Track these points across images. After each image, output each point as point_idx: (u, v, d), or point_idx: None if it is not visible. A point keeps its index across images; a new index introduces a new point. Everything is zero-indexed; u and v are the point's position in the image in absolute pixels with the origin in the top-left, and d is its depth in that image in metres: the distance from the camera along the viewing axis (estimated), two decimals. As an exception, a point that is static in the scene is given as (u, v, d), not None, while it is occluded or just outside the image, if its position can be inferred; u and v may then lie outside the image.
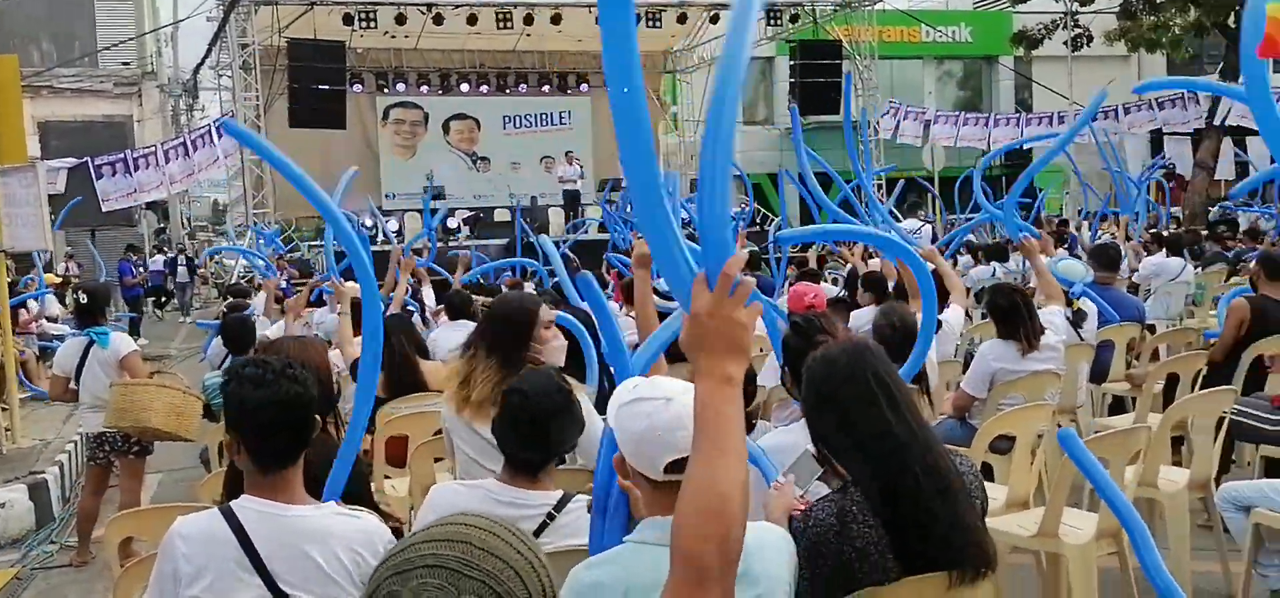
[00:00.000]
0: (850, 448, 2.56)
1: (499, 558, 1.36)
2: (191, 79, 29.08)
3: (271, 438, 2.51)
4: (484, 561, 1.35)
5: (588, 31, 22.75)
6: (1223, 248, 14.03)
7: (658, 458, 2.07)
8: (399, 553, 1.38)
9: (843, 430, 2.58)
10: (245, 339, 6.71)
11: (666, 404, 2.07)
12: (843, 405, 2.57)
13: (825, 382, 2.61)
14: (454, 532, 1.39)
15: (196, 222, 38.70)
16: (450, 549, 1.36)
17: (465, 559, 1.34)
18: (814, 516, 2.50)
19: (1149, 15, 24.32)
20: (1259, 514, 4.48)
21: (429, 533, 1.40)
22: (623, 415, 2.12)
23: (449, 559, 1.34)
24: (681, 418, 2.05)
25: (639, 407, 2.09)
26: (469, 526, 1.40)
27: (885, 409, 2.53)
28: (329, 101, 19.77)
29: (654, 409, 2.07)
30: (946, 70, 36.20)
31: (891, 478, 2.49)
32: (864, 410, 2.54)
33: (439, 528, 1.41)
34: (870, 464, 2.52)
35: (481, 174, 25.60)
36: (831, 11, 23.37)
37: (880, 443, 2.51)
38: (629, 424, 2.10)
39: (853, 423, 2.55)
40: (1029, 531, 4.37)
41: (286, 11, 20.37)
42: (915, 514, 2.48)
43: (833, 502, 2.52)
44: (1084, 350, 6.49)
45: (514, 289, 10.20)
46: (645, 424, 2.07)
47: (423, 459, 4.63)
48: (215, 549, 2.44)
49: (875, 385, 2.55)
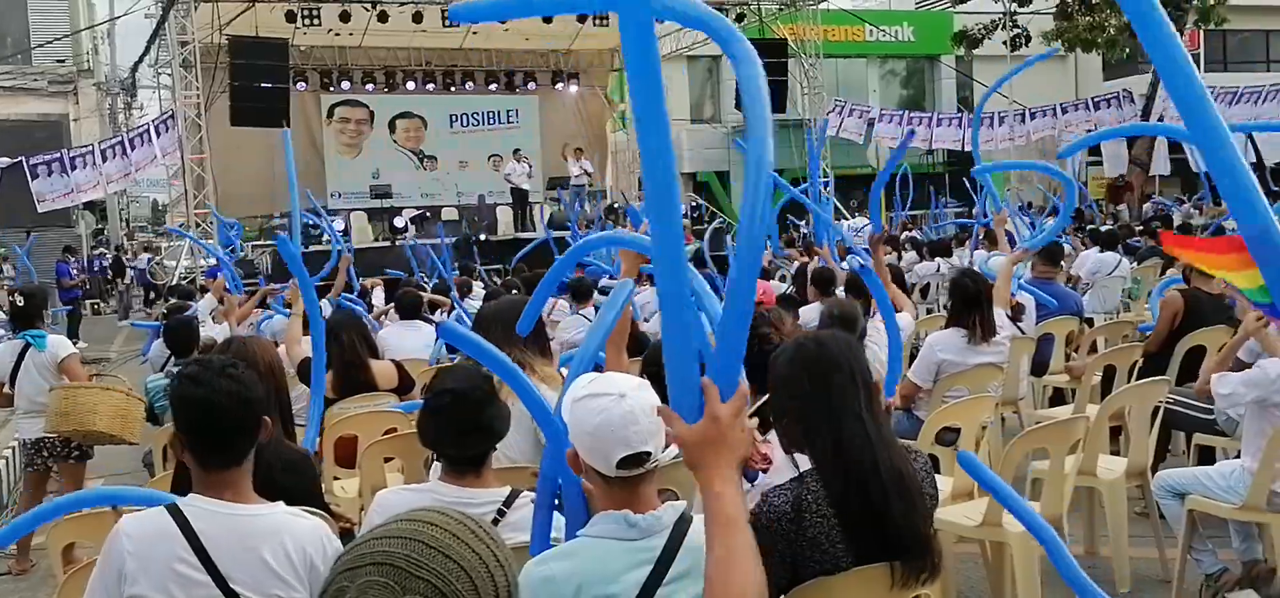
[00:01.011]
0: (824, 434, 2.57)
1: (451, 559, 1.35)
2: (129, 77, 28.52)
3: (210, 436, 2.51)
4: (433, 560, 1.34)
5: (535, 30, 22.67)
6: (1157, 243, 14.36)
7: (611, 454, 2.09)
8: (354, 549, 1.39)
9: (821, 416, 2.59)
10: (188, 341, 6.62)
11: (620, 400, 2.08)
12: (829, 391, 2.58)
13: (816, 363, 2.62)
14: (409, 529, 1.38)
15: (136, 222, 37.99)
16: (401, 547, 1.35)
17: (414, 558, 1.33)
18: (770, 503, 2.52)
19: (1084, 16, 24.83)
20: (1193, 501, 4.61)
21: (387, 529, 1.40)
22: (576, 411, 2.13)
23: (397, 558, 1.34)
24: (634, 414, 2.07)
25: (592, 402, 2.10)
26: (425, 523, 1.39)
27: (861, 403, 2.57)
28: (272, 100, 19.46)
29: (608, 405, 2.09)
30: (890, 69, 36.64)
31: (856, 471, 2.52)
32: (846, 399, 2.56)
33: (398, 525, 1.41)
34: (839, 453, 2.54)
35: (429, 173, 25.41)
36: (777, 11, 23.54)
37: (853, 433, 2.54)
38: (582, 420, 2.11)
39: (834, 410, 2.57)
40: (974, 521, 4.46)
41: (227, 8, 20.05)
42: (871, 508, 2.52)
43: (789, 490, 2.55)
44: (1025, 344, 6.62)
45: (462, 289, 10.16)
46: (599, 420, 2.08)
47: (372, 460, 4.61)
48: (163, 547, 2.42)
49: (858, 378, 2.59)
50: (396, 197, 22.99)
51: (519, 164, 22.09)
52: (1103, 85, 31.26)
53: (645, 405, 2.09)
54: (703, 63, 32.43)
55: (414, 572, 1.32)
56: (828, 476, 2.54)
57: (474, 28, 21.80)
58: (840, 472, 2.53)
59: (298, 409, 4.37)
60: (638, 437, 2.07)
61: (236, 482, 2.52)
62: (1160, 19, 1.33)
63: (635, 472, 2.10)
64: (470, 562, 1.36)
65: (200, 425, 2.51)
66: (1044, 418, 6.45)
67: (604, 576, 2.04)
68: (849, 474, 2.52)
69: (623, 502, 2.12)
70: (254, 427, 2.54)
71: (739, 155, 31.95)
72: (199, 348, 6.59)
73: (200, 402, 2.50)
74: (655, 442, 2.09)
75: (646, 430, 2.08)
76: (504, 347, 3.80)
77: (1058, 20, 25.67)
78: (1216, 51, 34.95)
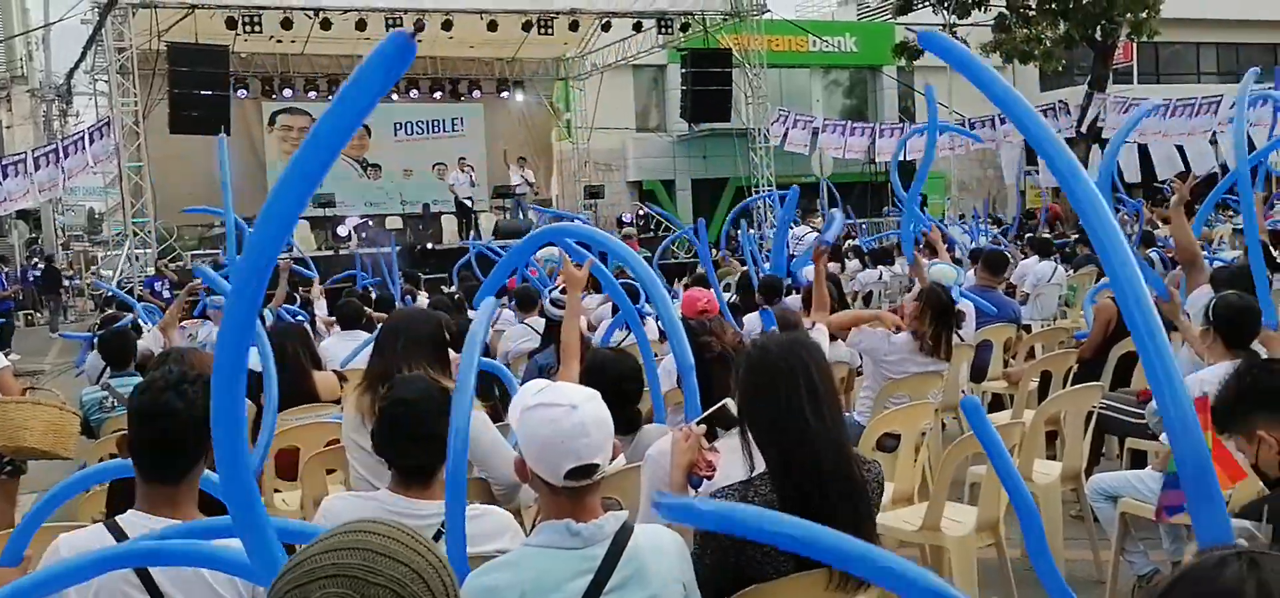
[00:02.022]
0: (771, 438, 2.58)
1: (401, 563, 1.33)
2: (65, 84, 27.94)
3: (159, 452, 2.48)
4: (387, 566, 1.32)
5: (479, 38, 22.59)
6: (1092, 251, 14.69)
7: (559, 465, 2.09)
8: (297, 566, 1.35)
9: (767, 420, 2.59)
10: (123, 352, 6.50)
11: (571, 412, 2.09)
12: (775, 395, 2.59)
13: (761, 370, 2.63)
14: (354, 539, 1.36)
15: (71, 230, 37.15)
16: (352, 556, 1.33)
17: (368, 566, 1.32)
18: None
19: (1022, 28, 25.32)
20: (1125, 504, 4.72)
21: (327, 542, 1.37)
22: (526, 419, 2.13)
23: (351, 567, 1.32)
24: (585, 426, 2.07)
25: (543, 412, 2.10)
26: (368, 532, 1.37)
27: (806, 406, 2.56)
28: (212, 107, 19.18)
29: (558, 416, 2.09)
30: (833, 79, 37.01)
31: (800, 473, 2.53)
32: (791, 403, 2.56)
33: (337, 537, 1.38)
34: (784, 457, 2.55)
35: (373, 181, 25.20)
36: (721, 21, 23.69)
37: (798, 437, 2.55)
38: (532, 428, 2.11)
39: (779, 414, 2.57)
40: (913, 525, 4.53)
41: (166, 15, 19.72)
42: (814, 512, 2.53)
43: (736, 492, 2.56)
44: (964, 351, 6.73)
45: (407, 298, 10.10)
46: (549, 430, 2.09)
47: (314, 471, 4.57)
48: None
49: (802, 382, 2.58)
50: (340, 206, 22.76)
51: (462, 173, 21.99)
52: (1040, 96, 31.87)
53: (596, 418, 2.09)
54: (648, 72, 32.52)
55: (370, 579, 1.31)
56: (778, 478, 2.55)
57: (418, 35, 21.62)
58: (787, 475, 2.54)
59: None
60: (587, 449, 2.08)
61: (180, 499, 2.49)
62: (990, 76, 1.49)
63: (582, 483, 2.12)
64: (419, 564, 1.35)
65: (153, 441, 2.48)
66: (983, 424, 6.56)
67: (546, 585, 2.05)
68: (795, 478, 2.53)
69: (566, 511, 2.13)
70: (206, 446, 2.51)
71: (685, 164, 32.17)
72: (135, 360, 6.48)
73: (155, 416, 2.47)
74: (603, 454, 2.10)
75: (596, 443, 2.08)
76: (406, 358, 3.83)
77: (996, 32, 26.15)
78: (1149, 64, 35.82)
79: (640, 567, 2.10)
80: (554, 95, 27.59)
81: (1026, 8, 25.71)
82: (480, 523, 2.86)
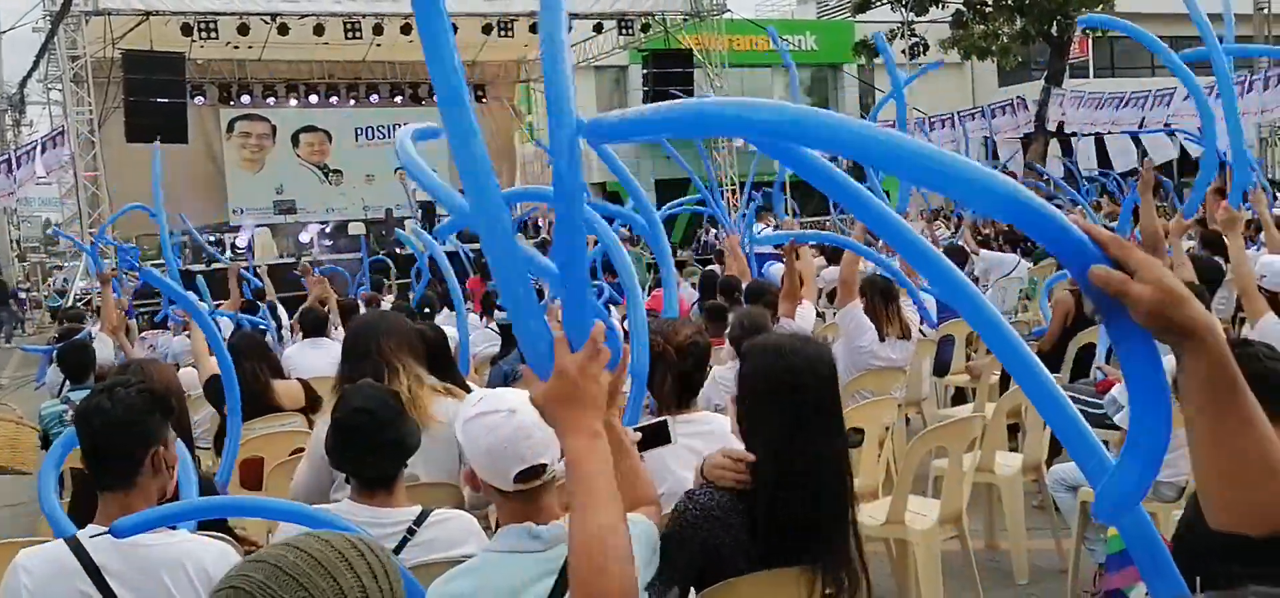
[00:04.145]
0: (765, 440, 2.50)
1: (304, 587, 1.36)
2: (18, 93, 27.51)
3: (93, 457, 2.52)
4: (286, 588, 1.35)
5: (439, 41, 22.46)
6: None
7: (507, 470, 2.10)
8: (226, 577, 1.40)
9: (760, 421, 2.52)
10: (81, 365, 6.41)
11: (510, 416, 2.10)
12: (777, 400, 2.49)
13: (770, 376, 2.53)
14: (274, 555, 1.40)
15: (27, 242, 36.58)
16: (259, 572, 1.37)
17: (265, 585, 1.35)
18: (696, 499, 2.49)
19: (979, 24, 25.58)
20: (1086, 493, 4.79)
21: (258, 555, 1.43)
22: (468, 430, 2.14)
23: (254, 585, 1.36)
24: (526, 427, 2.08)
25: (484, 421, 2.12)
26: (293, 549, 1.41)
27: (809, 412, 2.48)
28: (169, 115, 18.96)
29: (498, 423, 2.10)
30: (795, 78, 37.23)
31: (790, 476, 2.45)
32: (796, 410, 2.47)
33: (266, 551, 1.43)
34: (776, 459, 2.47)
35: (334, 187, 25.01)
36: (682, 21, 23.75)
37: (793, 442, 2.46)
38: (475, 439, 2.13)
39: (783, 418, 2.48)
40: (878, 520, 4.56)
41: (120, 22, 19.47)
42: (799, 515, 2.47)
43: (715, 488, 2.52)
44: (927, 346, 6.80)
45: (371, 304, 10.03)
46: (491, 438, 2.10)
47: (279, 481, 4.53)
48: (62, 581, 2.37)
49: (810, 392, 2.50)
50: (301, 212, 22.59)
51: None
52: (998, 92, 32.22)
53: (536, 418, 2.09)
54: (610, 73, 32.54)
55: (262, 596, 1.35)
56: (765, 476, 2.48)
57: (377, 39, 21.52)
58: (780, 486, 2.47)
59: (200, 433, 4.30)
60: (531, 451, 2.09)
61: (132, 504, 2.47)
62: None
63: (533, 484, 2.13)
64: (323, 590, 1.37)
65: (91, 443, 2.52)
66: (945, 417, 6.63)
67: (509, 589, 2.06)
68: (784, 480, 2.46)
69: (524, 514, 2.14)
70: (136, 449, 2.49)
71: (649, 165, 32.21)
72: (94, 372, 6.40)
73: (87, 417, 2.52)
74: (551, 453, 2.11)
75: (540, 443, 2.09)
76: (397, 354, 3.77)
77: (953, 29, 26.40)
78: (1104, 58, 36.33)
79: None
80: (515, 98, 27.51)
81: (983, 4, 25.97)
82: (444, 528, 2.86)
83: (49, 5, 19.17)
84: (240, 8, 19.76)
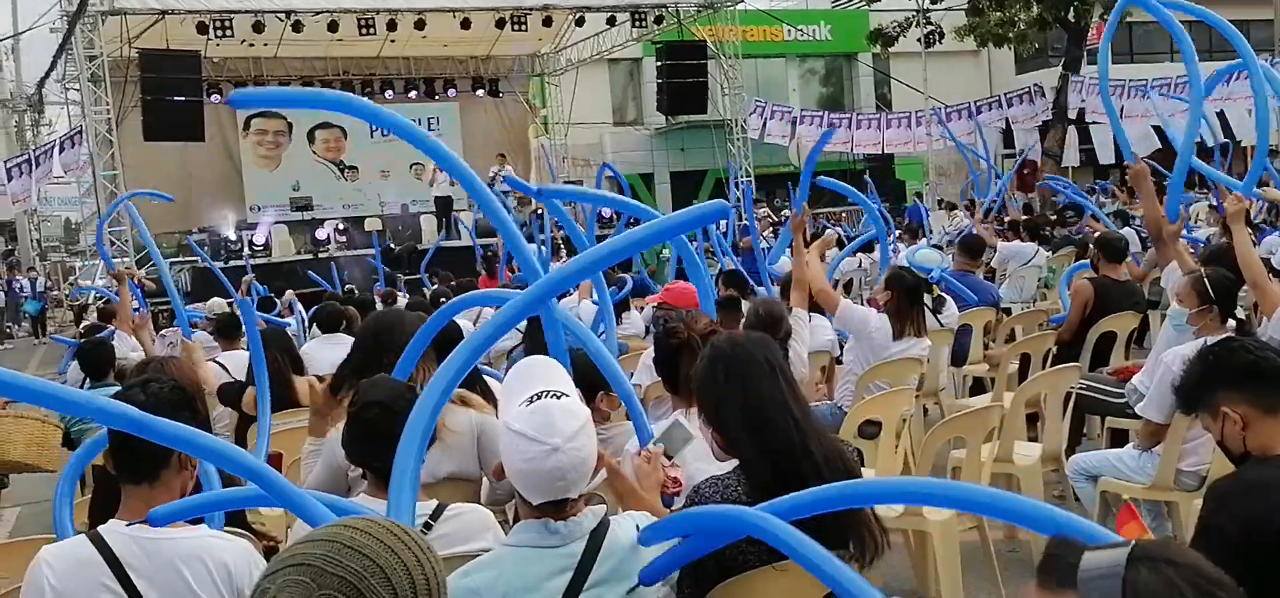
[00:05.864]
0: (745, 429, 2.56)
1: (366, 557, 1.40)
2: (36, 93, 27.69)
3: (117, 448, 2.54)
4: (350, 559, 1.40)
5: (453, 36, 22.50)
6: (1070, 231, 14.78)
7: (534, 496, 2.11)
8: (278, 557, 1.46)
9: (738, 411, 2.57)
10: (102, 363, 6.47)
11: (551, 454, 2.06)
12: (743, 385, 2.57)
13: (730, 361, 2.62)
14: (330, 533, 1.45)
15: (48, 241, 36.86)
16: (318, 547, 1.42)
17: (330, 557, 1.40)
18: (701, 493, 2.51)
19: (995, 11, 25.39)
20: (1105, 483, 4.77)
21: (311, 535, 1.48)
22: (508, 440, 2.12)
23: (314, 557, 1.40)
24: (563, 469, 2.05)
25: (525, 445, 2.08)
26: (347, 526, 1.46)
27: (784, 392, 2.57)
28: (186, 113, 19.05)
29: (538, 456, 2.06)
30: (809, 68, 37.08)
31: (786, 459, 2.50)
32: (765, 391, 2.56)
33: (321, 530, 1.48)
34: (763, 445, 2.52)
35: (350, 183, 25.08)
36: (695, 12, 23.68)
37: (778, 423, 2.53)
38: (512, 454, 2.11)
39: (751, 403, 2.56)
40: (897, 511, 4.54)
41: (136, 22, 19.56)
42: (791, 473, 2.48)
43: (719, 482, 2.54)
44: (944, 335, 6.77)
45: (387, 302, 10.08)
46: (529, 467, 2.08)
47: (297, 477, 4.55)
48: (85, 574, 2.39)
49: (777, 369, 2.60)
50: (318, 208, 22.66)
51: (441, 172, 21.89)
52: (1015, 80, 32.01)
53: (577, 461, 2.05)
54: (624, 66, 32.51)
55: (330, 569, 1.38)
56: (754, 471, 2.52)
57: (392, 35, 21.56)
58: (767, 463, 2.51)
59: (219, 430, 4.31)
60: (562, 489, 2.09)
61: (155, 499, 2.50)
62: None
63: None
64: (388, 560, 1.41)
65: (117, 440, 2.53)
66: (963, 407, 6.60)
67: (526, 583, 2.06)
68: (778, 464, 2.49)
69: (542, 514, 2.14)
70: (152, 450, 2.50)
71: (663, 157, 32.18)
72: (115, 371, 6.45)
73: None
74: (579, 487, 2.11)
75: (573, 483, 2.09)
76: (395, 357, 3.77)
77: (969, 16, 26.23)
78: (1123, 44, 35.99)
79: (621, 563, 2.11)
80: (530, 92, 27.52)
81: (999, -10, 25.81)
82: (460, 522, 2.86)
83: (66, 5, 19.28)
84: (255, 5, 19.82)
